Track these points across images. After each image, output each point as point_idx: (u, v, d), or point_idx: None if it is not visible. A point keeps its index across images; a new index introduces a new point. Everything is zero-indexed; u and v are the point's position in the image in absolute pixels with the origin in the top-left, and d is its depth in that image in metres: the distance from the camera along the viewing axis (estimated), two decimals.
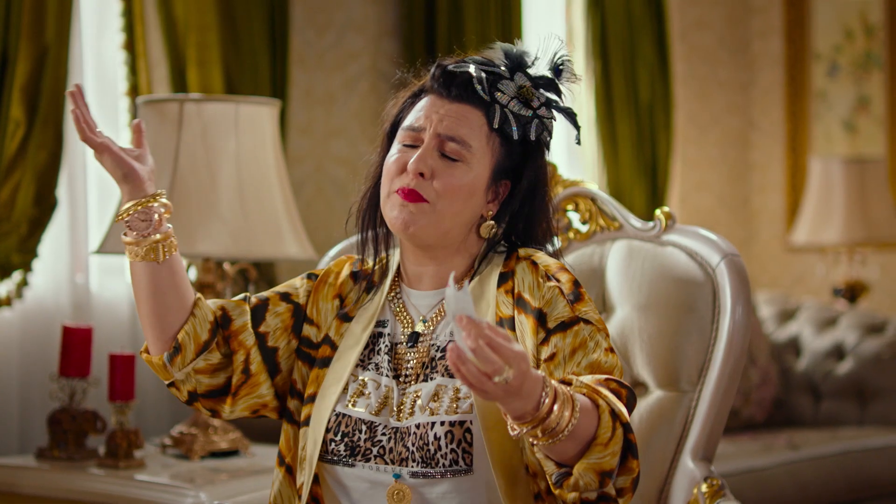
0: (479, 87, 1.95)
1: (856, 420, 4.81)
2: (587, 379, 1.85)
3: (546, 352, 1.91)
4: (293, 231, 3.18)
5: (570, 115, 2.05)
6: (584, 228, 2.50)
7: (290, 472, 2.03)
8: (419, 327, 2.00)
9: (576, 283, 1.97)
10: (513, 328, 1.95)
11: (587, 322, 1.93)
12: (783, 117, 6.24)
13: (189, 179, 3.08)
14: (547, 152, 2.04)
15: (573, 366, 1.90)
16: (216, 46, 3.85)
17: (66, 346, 3.13)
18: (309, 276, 2.10)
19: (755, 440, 4.47)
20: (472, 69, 1.96)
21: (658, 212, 2.44)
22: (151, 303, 1.97)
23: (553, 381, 1.75)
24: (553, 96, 2.03)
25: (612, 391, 1.85)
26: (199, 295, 2.03)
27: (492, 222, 2.00)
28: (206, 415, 2.15)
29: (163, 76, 3.81)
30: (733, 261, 2.34)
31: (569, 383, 1.84)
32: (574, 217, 2.51)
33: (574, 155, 5.34)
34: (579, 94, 5.26)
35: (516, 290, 1.96)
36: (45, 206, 3.40)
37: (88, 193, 3.65)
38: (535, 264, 1.98)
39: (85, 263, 3.63)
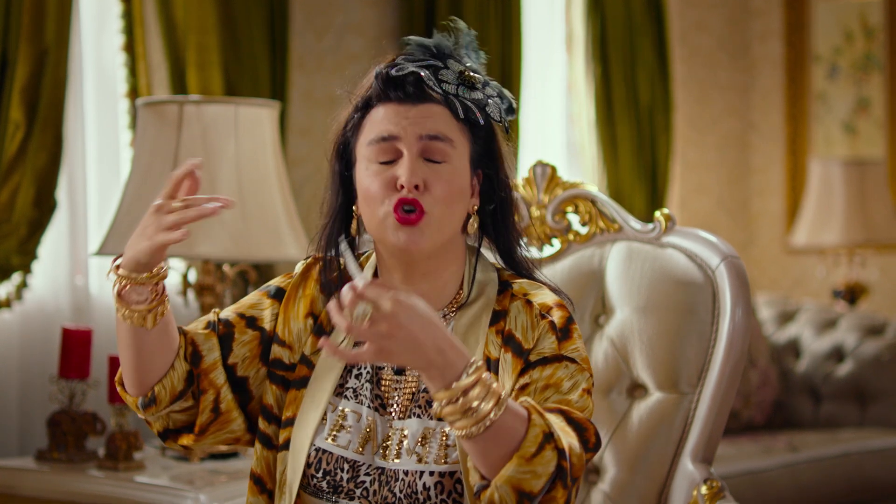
0: (429, 83, 1.88)
1: (856, 422, 4.81)
2: (548, 405, 1.81)
3: (521, 381, 1.85)
4: (293, 233, 3.18)
5: (501, 92, 1.97)
6: (583, 230, 2.50)
7: (272, 497, 1.95)
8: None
9: (568, 320, 1.90)
10: (496, 371, 1.88)
11: (571, 361, 1.87)
12: (783, 119, 6.24)
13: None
14: (507, 132, 1.97)
15: (541, 400, 1.83)
16: (216, 48, 3.85)
17: (66, 348, 3.13)
18: (275, 294, 2.00)
19: (755, 442, 4.47)
20: (413, 67, 1.89)
21: (658, 213, 2.44)
22: (133, 360, 1.89)
23: (488, 376, 1.70)
24: (484, 76, 1.95)
25: (578, 421, 1.79)
26: (182, 336, 1.94)
27: (475, 216, 1.94)
28: (178, 450, 2.09)
29: (162, 78, 3.81)
30: (733, 262, 2.34)
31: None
32: (574, 219, 2.50)
33: (574, 157, 5.35)
34: (580, 96, 5.27)
35: (507, 328, 1.89)
36: (44, 207, 3.40)
37: (88, 195, 3.65)
38: (529, 303, 1.91)
39: (84, 265, 3.63)
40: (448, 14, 4.51)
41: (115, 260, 1.87)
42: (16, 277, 3.41)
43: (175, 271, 3.31)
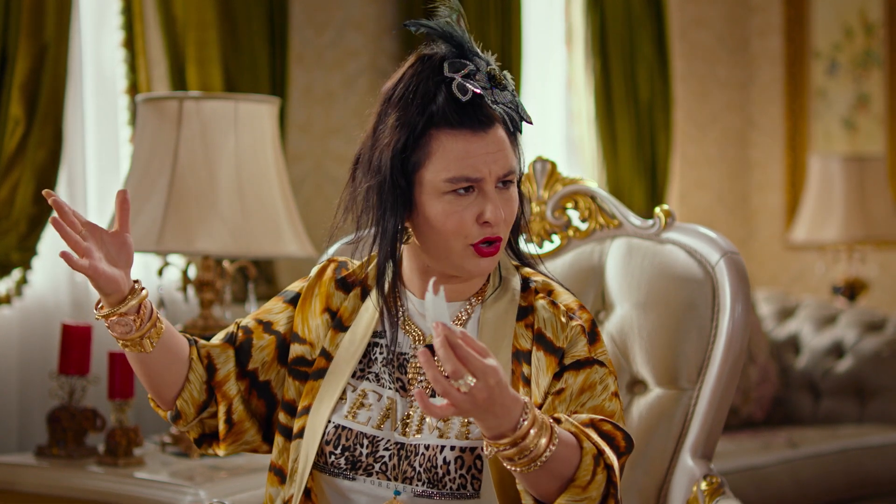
0: (489, 102, 1.87)
1: (855, 418, 4.81)
2: (581, 417, 1.86)
3: (557, 386, 1.90)
4: (292, 229, 3.18)
5: (503, 71, 1.95)
6: (583, 226, 2.50)
7: None
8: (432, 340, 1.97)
9: (593, 323, 1.96)
10: (528, 362, 1.93)
11: (601, 365, 1.93)
12: (783, 115, 6.24)
13: (188, 177, 3.08)
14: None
15: (577, 405, 1.90)
16: (215, 44, 3.84)
17: (66, 344, 3.13)
18: (291, 300, 2.05)
19: (755, 438, 4.47)
20: (470, 86, 1.86)
21: (658, 209, 2.44)
22: (146, 381, 1.97)
23: (536, 409, 1.75)
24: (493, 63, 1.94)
25: (606, 433, 1.85)
26: (193, 346, 1.99)
27: None
28: (211, 454, 2.13)
29: (162, 74, 3.81)
30: (733, 259, 2.34)
31: (559, 420, 1.84)
32: (573, 215, 2.50)
33: (573, 153, 5.34)
34: (579, 92, 5.26)
35: (537, 326, 1.94)
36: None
37: (88, 191, 3.65)
38: (554, 304, 1.96)
39: None
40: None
41: (97, 303, 1.92)
42: (16, 273, 3.41)
43: (175, 267, 3.31)
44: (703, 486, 2.26)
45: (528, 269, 2.04)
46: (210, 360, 2.00)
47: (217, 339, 2.04)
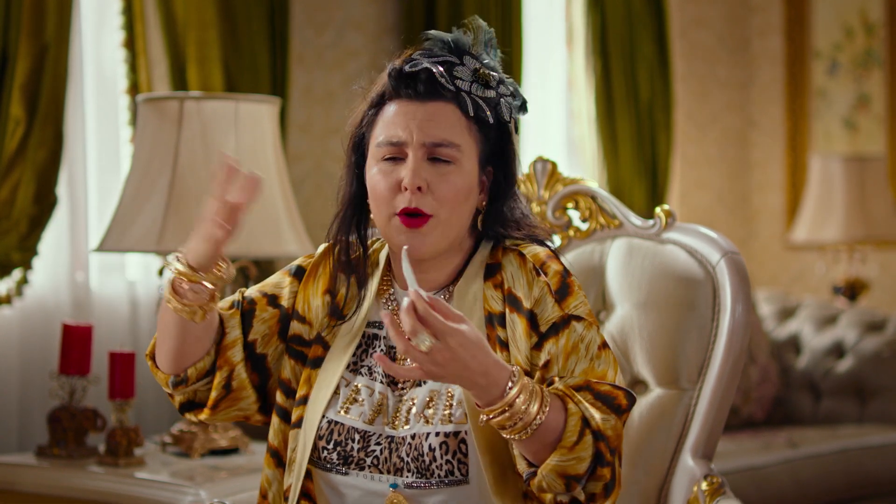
0: (442, 80, 1.90)
1: (855, 418, 4.81)
2: (575, 380, 1.87)
3: (541, 358, 1.90)
4: (293, 229, 3.18)
5: (516, 90, 1.99)
6: (584, 226, 2.50)
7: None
8: None
9: (563, 274, 1.94)
10: (503, 325, 1.93)
11: (578, 319, 1.92)
12: (783, 115, 6.24)
13: (188, 177, 3.08)
14: (516, 130, 2.00)
15: (567, 372, 1.90)
16: (216, 44, 3.84)
17: (66, 344, 3.13)
18: (295, 273, 2.06)
19: (755, 438, 4.47)
20: (427, 64, 1.91)
21: (658, 210, 2.44)
22: (174, 347, 1.95)
23: (526, 377, 1.78)
24: (500, 73, 1.98)
25: (605, 394, 1.86)
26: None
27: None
28: (195, 421, 2.13)
29: (163, 74, 3.81)
30: (733, 259, 2.34)
31: (551, 383, 1.87)
32: (574, 215, 2.51)
33: (574, 153, 5.34)
34: (580, 92, 5.26)
35: (506, 286, 1.94)
36: (44, 204, 3.40)
37: (88, 191, 3.65)
38: (522, 255, 1.95)
39: (85, 261, 3.63)
40: (448, 10, 4.53)
41: (174, 256, 1.93)
42: (16, 274, 3.41)
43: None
44: (704, 486, 2.26)
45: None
46: (221, 325, 2.00)
47: (223, 305, 2.04)
